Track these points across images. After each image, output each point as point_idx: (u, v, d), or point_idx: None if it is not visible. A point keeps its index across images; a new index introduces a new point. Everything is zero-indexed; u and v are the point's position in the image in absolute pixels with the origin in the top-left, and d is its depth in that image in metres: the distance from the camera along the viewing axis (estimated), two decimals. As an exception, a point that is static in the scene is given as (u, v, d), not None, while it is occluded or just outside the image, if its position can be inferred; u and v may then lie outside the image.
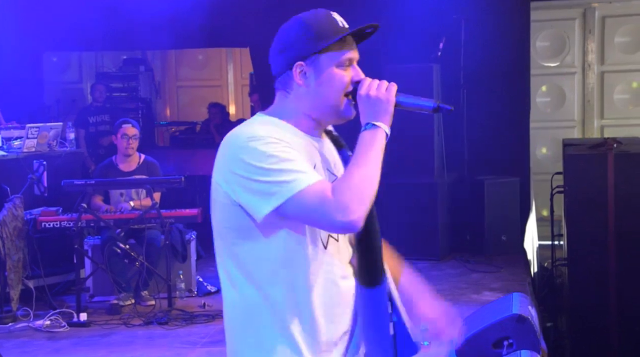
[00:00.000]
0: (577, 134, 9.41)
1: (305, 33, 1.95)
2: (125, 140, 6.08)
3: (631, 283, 6.17)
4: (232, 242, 1.93)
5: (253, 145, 1.85)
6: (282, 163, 1.84)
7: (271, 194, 1.82)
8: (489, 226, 7.32)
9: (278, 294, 1.91)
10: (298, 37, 1.95)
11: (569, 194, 6.63)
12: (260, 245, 1.91)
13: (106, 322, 5.47)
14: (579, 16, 9.42)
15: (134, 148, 6.15)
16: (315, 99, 1.96)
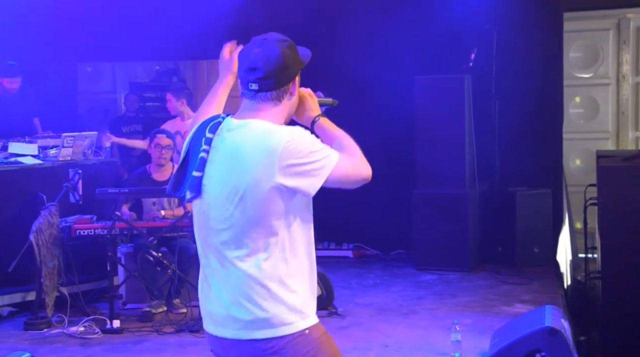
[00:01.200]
0: (611, 146, 9.31)
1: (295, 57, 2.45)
2: (158, 150, 6.17)
3: (666, 297, 6.08)
4: (276, 220, 2.30)
5: (298, 139, 2.29)
6: (318, 143, 2.34)
7: (326, 164, 2.30)
8: (521, 238, 7.27)
9: (302, 258, 2.39)
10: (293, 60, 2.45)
11: (603, 206, 6.56)
12: (296, 222, 2.36)
13: (138, 330, 5.52)
14: (613, 27, 9.33)
15: (167, 158, 6.23)
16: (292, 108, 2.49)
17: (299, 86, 2.48)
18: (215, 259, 2.39)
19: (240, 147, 2.30)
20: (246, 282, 2.31)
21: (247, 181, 2.26)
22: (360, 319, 5.76)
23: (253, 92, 2.39)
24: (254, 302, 2.31)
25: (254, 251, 2.31)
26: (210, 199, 2.34)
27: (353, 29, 7.95)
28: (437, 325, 5.40)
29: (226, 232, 2.32)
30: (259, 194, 2.26)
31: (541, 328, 4.23)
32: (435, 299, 6.29)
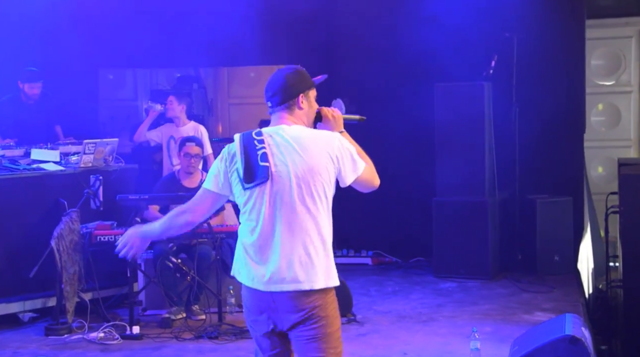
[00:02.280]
0: (633, 154, 9.23)
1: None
2: (187, 159, 6.22)
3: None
4: (327, 200, 3.07)
5: (345, 142, 3.13)
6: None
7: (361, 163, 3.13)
8: (541, 246, 7.22)
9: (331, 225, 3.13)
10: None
11: (624, 214, 6.51)
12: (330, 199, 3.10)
13: (158, 336, 5.54)
14: (635, 34, 9.27)
15: (196, 166, 6.28)
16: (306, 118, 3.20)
17: (313, 103, 3.20)
18: (281, 226, 3.01)
19: (301, 140, 3.04)
20: (308, 243, 3.00)
21: (312, 163, 3.02)
22: (380, 326, 5.74)
23: (271, 108, 3.18)
24: (313, 261, 2.99)
25: (314, 217, 3.02)
26: (282, 179, 3.01)
27: (374, 38, 7.96)
28: (456, 333, 5.38)
29: (294, 203, 3.00)
30: (320, 171, 3.03)
31: (561, 336, 4.19)
32: (455, 307, 6.26)
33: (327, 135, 3.11)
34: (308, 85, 3.19)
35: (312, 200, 3.02)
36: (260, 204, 3.04)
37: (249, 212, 3.06)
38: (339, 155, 3.07)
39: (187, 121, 7.28)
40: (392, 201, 7.84)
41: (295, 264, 2.98)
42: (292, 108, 3.15)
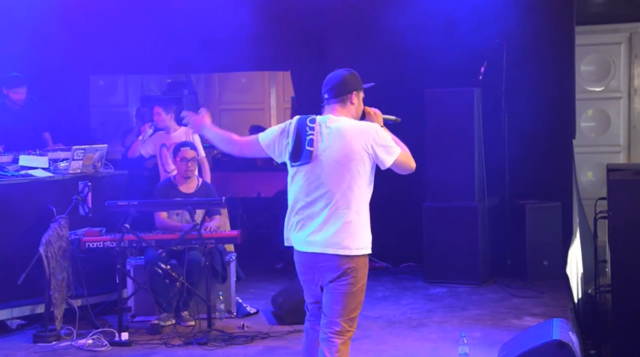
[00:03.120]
0: (622, 159, 9.27)
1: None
2: (184, 164, 6.23)
3: (677, 311, 6.03)
4: (363, 181, 3.69)
5: (382, 131, 3.75)
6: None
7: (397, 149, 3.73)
8: (531, 251, 7.24)
9: (368, 203, 3.75)
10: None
11: (613, 219, 6.53)
12: (370, 181, 3.74)
13: (147, 342, 5.53)
14: (624, 41, 9.32)
15: (193, 170, 6.30)
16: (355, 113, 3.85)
17: (361, 102, 3.85)
18: (322, 203, 3.66)
19: (342, 130, 3.68)
20: (347, 218, 3.64)
21: (354, 150, 3.64)
22: (370, 331, 5.74)
23: (326, 100, 3.82)
24: (352, 232, 3.64)
25: (352, 196, 3.65)
26: (322, 161, 3.67)
27: (364, 45, 7.96)
28: (446, 338, 5.38)
29: (336, 183, 3.65)
30: (360, 157, 3.65)
31: (549, 341, 4.21)
32: (445, 312, 6.26)
33: (366, 126, 3.73)
34: (360, 86, 3.86)
35: (347, 180, 3.65)
36: (300, 181, 3.72)
37: (294, 186, 3.75)
38: (373, 143, 3.67)
39: (178, 127, 7.27)
40: (382, 206, 7.81)
41: (330, 234, 3.64)
42: (345, 102, 3.80)
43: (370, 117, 3.87)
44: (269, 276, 7.62)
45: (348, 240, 3.64)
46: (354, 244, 3.66)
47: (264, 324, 5.96)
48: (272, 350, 5.34)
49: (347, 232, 3.64)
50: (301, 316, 5.87)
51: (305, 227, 3.70)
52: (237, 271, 6.41)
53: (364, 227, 3.71)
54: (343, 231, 3.64)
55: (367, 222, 3.74)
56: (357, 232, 3.67)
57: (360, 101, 3.86)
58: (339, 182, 3.65)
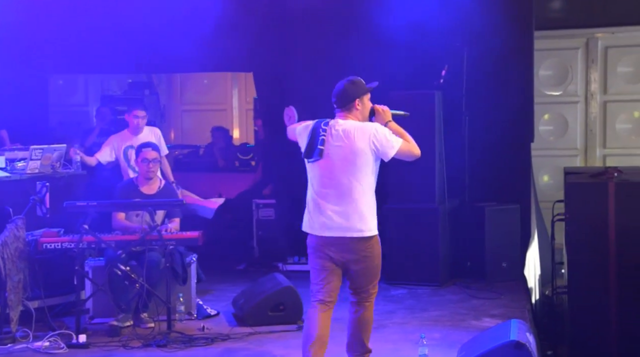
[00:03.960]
0: (579, 163, 9.43)
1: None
2: (145, 164, 6.17)
3: (632, 312, 6.15)
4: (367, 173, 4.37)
5: (380, 129, 4.40)
6: (391, 133, 4.42)
7: (397, 143, 4.38)
8: (490, 253, 7.32)
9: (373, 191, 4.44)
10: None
11: (570, 222, 6.64)
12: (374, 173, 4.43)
13: (105, 344, 5.47)
14: (582, 46, 9.48)
15: (155, 171, 6.24)
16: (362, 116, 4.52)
17: (366, 104, 4.49)
18: (334, 194, 4.35)
19: (348, 132, 4.36)
20: (355, 205, 4.32)
21: (358, 148, 4.32)
22: (331, 333, 5.73)
23: (335, 108, 4.50)
24: (360, 216, 4.33)
25: (354, 187, 4.32)
26: (331, 159, 4.35)
27: (327, 46, 7.98)
28: (406, 339, 5.41)
29: (344, 176, 4.33)
30: (363, 153, 4.32)
31: (507, 342, 4.26)
32: (406, 313, 6.30)
33: (366, 126, 4.38)
34: (363, 92, 4.48)
35: (353, 174, 4.32)
36: (316, 174, 4.41)
37: (310, 179, 4.45)
38: (374, 140, 4.32)
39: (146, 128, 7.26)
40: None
41: (349, 219, 4.32)
42: (350, 109, 4.44)
43: (379, 114, 4.50)
44: (230, 278, 7.59)
45: (360, 224, 4.33)
46: (366, 227, 4.35)
47: (225, 326, 5.93)
48: (233, 352, 5.32)
49: (357, 218, 4.32)
50: (262, 317, 5.90)
51: (322, 215, 4.37)
52: (197, 272, 6.37)
53: (373, 211, 4.40)
54: (354, 217, 4.32)
55: (374, 207, 4.41)
56: (365, 216, 4.34)
57: (365, 103, 4.48)
58: (347, 175, 4.32)
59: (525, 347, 4.21)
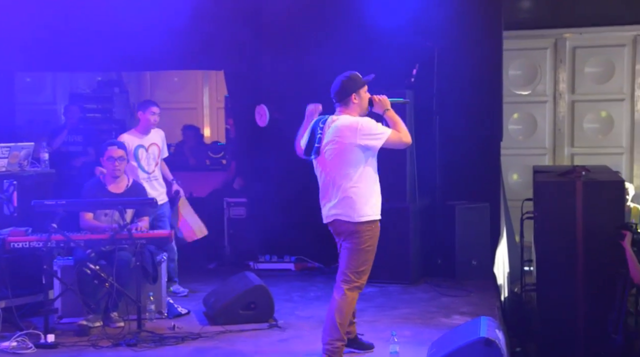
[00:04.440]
0: (548, 162, 9.55)
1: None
2: (111, 163, 6.09)
3: (598, 308, 6.24)
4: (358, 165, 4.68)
5: (365, 123, 4.67)
6: (378, 125, 4.71)
7: (383, 135, 4.67)
8: (460, 251, 7.37)
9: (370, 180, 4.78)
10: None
11: (539, 220, 6.72)
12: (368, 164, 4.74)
13: (74, 344, 5.41)
14: (550, 46, 9.59)
15: (121, 170, 6.16)
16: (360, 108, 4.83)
17: (364, 97, 4.77)
18: (331, 184, 4.73)
19: (338, 128, 4.67)
20: (346, 194, 4.69)
21: (346, 143, 4.64)
22: (302, 331, 5.76)
23: (334, 103, 4.79)
24: (352, 203, 4.69)
25: (349, 179, 4.67)
26: (327, 154, 4.71)
27: (298, 43, 7.99)
28: (377, 337, 5.42)
29: (336, 171, 4.69)
30: (351, 148, 4.64)
31: (476, 339, 4.30)
32: (376, 311, 6.32)
33: (353, 122, 4.66)
34: (359, 85, 4.75)
35: (347, 167, 4.66)
36: (318, 169, 4.83)
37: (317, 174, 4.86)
38: (360, 135, 4.61)
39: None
40: (315, 206, 7.85)
41: (338, 206, 4.71)
42: (347, 104, 4.75)
43: (377, 104, 4.79)
44: (201, 277, 7.57)
45: (350, 210, 4.69)
46: (355, 213, 4.69)
47: (196, 325, 5.91)
48: (203, 351, 5.30)
49: (349, 205, 4.69)
50: (233, 316, 5.89)
51: (325, 206, 4.81)
52: (168, 271, 6.33)
53: (364, 199, 4.70)
54: (346, 204, 4.69)
55: (368, 195, 4.73)
56: (356, 204, 4.68)
57: (362, 96, 4.76)
58: (339, 169, 4.68)
59: (495, 344, 4.25)
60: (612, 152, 9.44)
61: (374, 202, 4.77)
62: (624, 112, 9.42)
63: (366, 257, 4.78)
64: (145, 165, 6.78)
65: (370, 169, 4.75)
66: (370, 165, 4.74)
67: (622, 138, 9.42)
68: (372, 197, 4.76)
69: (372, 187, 4.76)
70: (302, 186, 8.02)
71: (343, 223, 4.73)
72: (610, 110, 9.48)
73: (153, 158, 6.82)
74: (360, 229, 4.71)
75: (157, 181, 6.84)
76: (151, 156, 6.81)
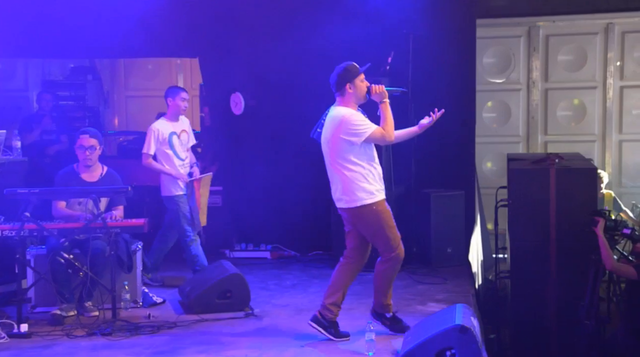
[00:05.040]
0: (522, 149, 9.61)
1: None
2: (82, 152, 6.02)
3: (571, 295, 6.31)
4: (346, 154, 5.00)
5: (350, 117, 4.98)
6: (363, 121, 5.02)
7: (364, 132, 4.96)
8: (435, 238, 7.41)
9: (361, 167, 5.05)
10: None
11: (513, 207, 6.77)
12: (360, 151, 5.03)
13: (48, 334, 5.38)
14: (524, 34, 9.64)
15: (93, 159, 6.07)
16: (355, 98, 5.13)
17: (360, 86, 5.05)
18: (330, 172, 5.13)
19: (330, 120, 5.05)
20: (339, 181, 5.06)
21: (331, 135, 5.01)
22: (278, 319, 5.76)
23: (333, 93, 5.13)
24: (344, 190, 5.05)
25: (340, 166, 5.02)
26: (324, 144, 5.11)
27: (273, 32, 7.95)
28: (353, 325, 5.45)
29: (331, 159, 5.08)
30: (336, 141, 5.00)
31: (452, 326, 4.33)
32: (352, 299, 6.32)
33: (338, 117, 5.00)
34: (353, 75, 5.02)
35: (336, 157, 5.02)
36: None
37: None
38: (342, 131, 4.94)
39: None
40: (290, 195, 7.87)
41: (337, 192, 5.08)
42: (343, 93, 5.05)
43: (375, 93, 5.04)
44: (176, 265, 7.54)
45: (346, 197, 5.03)
46: (350, 198, 5.01)
47: (171, 314, 5.89)
48: (179, 340, 5.29)
49: (344, 192, 5.02)
50: (209, 304, 5.88)
51: (333, 192, 5.17)
52: (143, 260, 6.30)
53: (356, 185, 4.98)
54: (342, 191, 5.03)
55: (361, 181, 4.99)
56: (350, 191, 5.00)
57: (358, 86, 5.04)
58: (332, 158, 5.04)
59: (470, 331, 4.28)
60: (584, 139, 9.53)
61: (368, 187, 5.00)
62: (597, 99, 9.51)
63: (386, 233, 5.08)
64: (180, 152, 6.67)
65: (362, 156, 4.99)
66: (361, 153, 4.99)
67: (595, 126, 9.51)
68: (365, 182, 4.98)
69: (364, 172, 4.99)
70: (278, 174, 8.04)
71: (343, 210, 5.09)
72: (582, 98, 9.56)
73: (184, 144, 6.72)
74: (359, 214, 5.04)
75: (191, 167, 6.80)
76: (183, 143, 6.70)
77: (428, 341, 4.37)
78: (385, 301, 5.26)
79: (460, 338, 4.29)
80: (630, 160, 9.52)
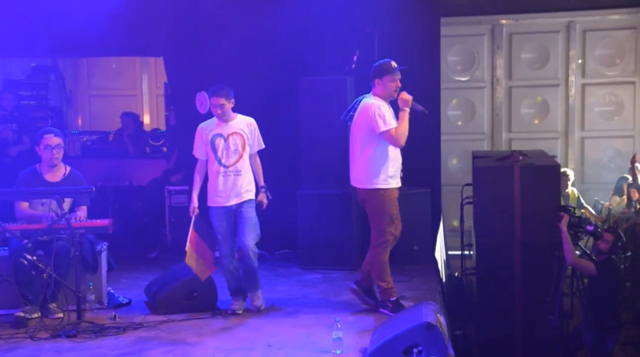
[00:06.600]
0: (486, 147, 9.71)
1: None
2: (48, 151, 5.92)
3: (536, 291, 6.39)
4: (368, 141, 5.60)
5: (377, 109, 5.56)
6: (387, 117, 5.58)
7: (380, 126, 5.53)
8: (402, 236, 7.38)
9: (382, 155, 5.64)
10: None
11: (478, 204, 6.83)
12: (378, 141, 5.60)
13: (11, 336, 5.29)
14: (487, 32, 9.73)
15: (59, 158, 5.99)
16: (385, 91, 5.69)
17: (386, 85, 5.59)
18: (352, 152, 5.72)
19: (360, 108, 5.64)
20: (361, 163, 5.63)
21: (360, 121, 5.60)
22: (245, 319, 5.75)
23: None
24: (362, 172, 5.63)
25: (365, 149, 5.58)
26: (353, 128, 5.69)
27: (241, 30, 7.92)
28: (320, 323, 5.46)
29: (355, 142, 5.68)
30: (364, 126, 5.57)
31: (418, 324, 4.36)
32: (320, 297, 6.35)
33: (367, 106, 5.56)
34: (382, 73, 5.59)
35: (360, 140, 5.61)
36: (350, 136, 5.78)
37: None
38: (368, 118, 5.51)
39: (234, 115, 5.95)
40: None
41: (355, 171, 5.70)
42: (374, 85, 5.65)
43: (401, 100, 5.58)
44: (142, 266, 7.48)
45: (363, 178, 5.61)
46: (367, 180, 5.59)
47: (137, 315, 5.84)
48: (145, 341, 5.24)
49: (359, 173, 5.63)
50: (175, 305, 5.84)
51: (351, 170, 5.74)
52: (108, 260, 6.24)
53: (374, 170, 5.54)
54: (360, 172, 5.62)
55: (379, 166, 5.54)
56: (367, 173, 5.57)
57: (386, 84, 5.58)
58: (357, 141, 5.63)
59: (437, 329, 4.31)
60: (547, 136, 9.66)
61: (383, 174, 5.55)
62: (559, 97, 9.64)
63: (383, 219, 5.61)
64: (222, 156, 5.88)
65: (385, 145, 5.53)
66: (379, 141, 5.52)
67: (558, 123, 9.65)
68: (383, 169, 5.54)
69: (383, 160, 5.54)
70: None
71: (359, 189, 5.68)
72: (545, 95, 9.69)
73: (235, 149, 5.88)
74: (368, 195, 5.60)
75: (239, 177, 5.91)
76: (231, 147, 5.87)
77: (395, 338, 4.39)
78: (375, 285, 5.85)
79: (427, 335, 4.32)
80: (592, 157, 9.67)
